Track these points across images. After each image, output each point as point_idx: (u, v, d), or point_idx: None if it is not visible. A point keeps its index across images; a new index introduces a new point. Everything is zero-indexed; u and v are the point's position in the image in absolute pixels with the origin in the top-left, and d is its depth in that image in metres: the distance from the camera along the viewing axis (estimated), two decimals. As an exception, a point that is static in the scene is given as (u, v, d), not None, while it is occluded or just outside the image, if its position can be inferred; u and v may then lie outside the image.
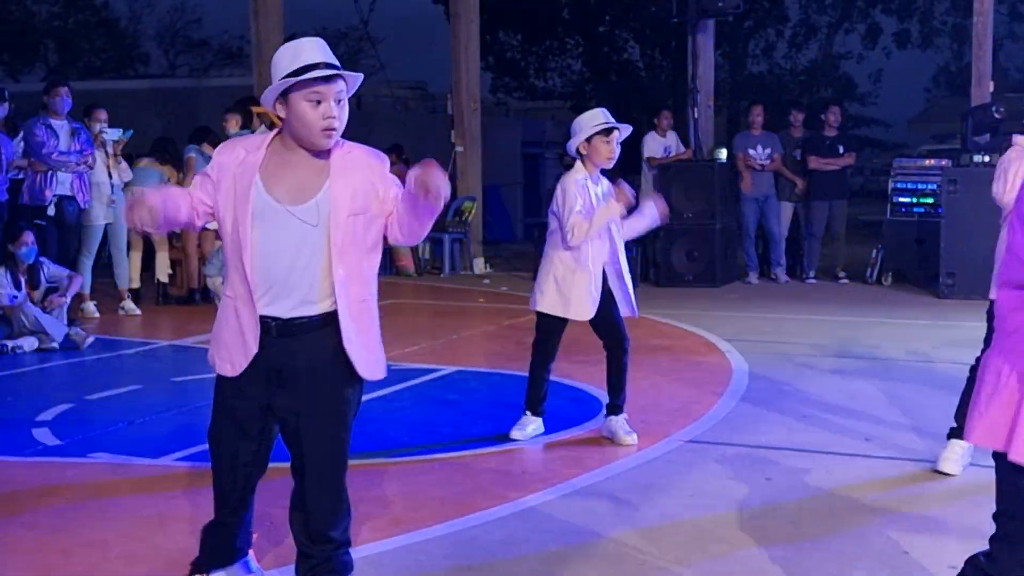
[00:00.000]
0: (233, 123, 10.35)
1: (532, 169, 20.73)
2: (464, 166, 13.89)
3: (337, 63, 3.10)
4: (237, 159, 3.16)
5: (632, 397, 6.06)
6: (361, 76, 3.17)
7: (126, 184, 9.97)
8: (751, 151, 11.83)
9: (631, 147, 11.86)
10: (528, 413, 5.51)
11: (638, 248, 12.33)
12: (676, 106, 18.91)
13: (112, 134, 9.78)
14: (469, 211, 13.58)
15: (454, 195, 13.86)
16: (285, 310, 3.10)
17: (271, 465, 3.35)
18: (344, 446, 3.18)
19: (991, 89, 12.28)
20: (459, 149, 13.83)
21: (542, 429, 5.54)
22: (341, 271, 3.07)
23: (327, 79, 3.05)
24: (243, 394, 3.19)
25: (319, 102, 3.05)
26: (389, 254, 13.38)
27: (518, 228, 19.65)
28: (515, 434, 5.46)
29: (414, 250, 13.40)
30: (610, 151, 5.23)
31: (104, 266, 10.65)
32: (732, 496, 4.57)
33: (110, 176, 9.74)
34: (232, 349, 3.18)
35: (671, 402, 6.28)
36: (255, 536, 3.57)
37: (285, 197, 3.08)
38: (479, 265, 13.67)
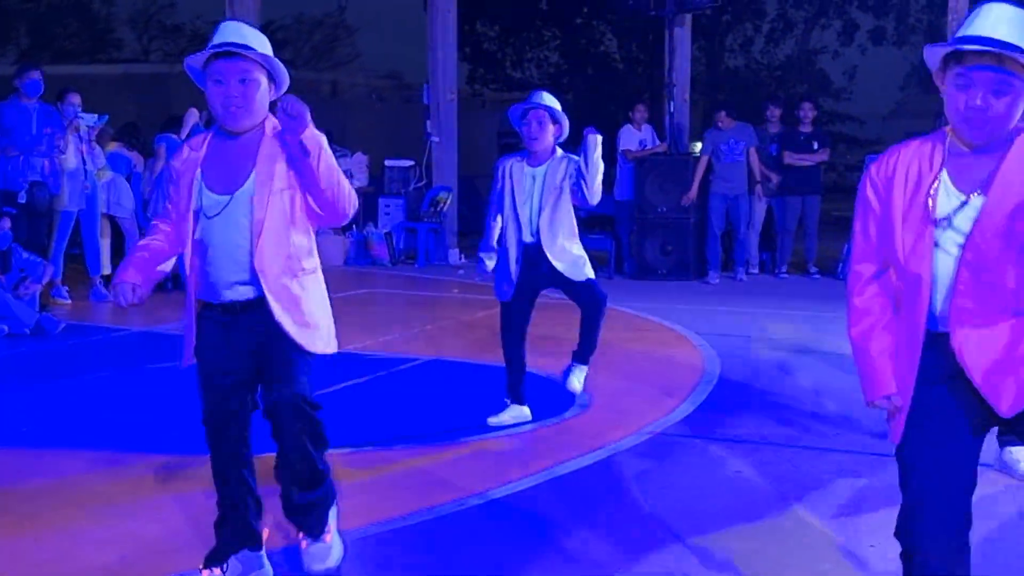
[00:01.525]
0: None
1: (505, 156, 20.69)
2: (440, 157, 13.88)
3: (250, 45, 3.16)
4: (184, 159, 3.33)
5: (604, 390, 6.11)
6: (268, 56, 3.20)
7: (99, 169, 9.91)
8: (723, 146, 11.83)
9: (607, 140, 11.92)
10: (509, 400, 5.56)
11: (614, 242, 12.37)
12: (653, 99, 18.95)
13: (87, 119, 9.71)
14: (444, 202, 13.58)
15: (429, 185, 13.87)
16: (225, 295, 3.26)
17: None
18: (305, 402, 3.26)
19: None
20: (435, 140, 13.82)
21: (525, 415, 5.57)
22: (265, 251, 3.19)
23: (227, 57, 3.13)
24: (216, 373, 3.34)
25: (219, 81, 3.15)
26: (364, 243, 13.37)
27: (493, 219, 19.60)
28: (491, 420, 5.49)
29: (389, 240, 13.39)
30: (528, 132, 5.36)
31: (73, 254, 10.59)
32: (702, 489, 4.60)
33: (84, 162, 9.67)
34: (188, 336, 3.38)
35: (642, 395, 6.31)
36: (266, 534, 3.59)
37: (219, 186, 3.22)
38: (454, 256, 13.67)
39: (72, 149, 9.54)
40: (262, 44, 3.22)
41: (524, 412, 5.58)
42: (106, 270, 10.24)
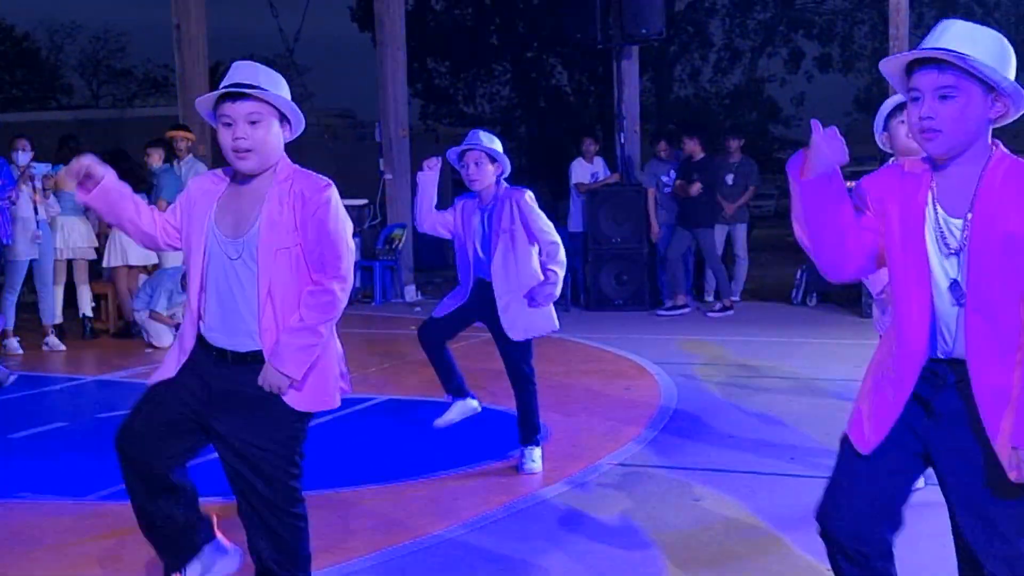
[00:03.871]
0: (156, 158, 10.22)
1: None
2: (393, 194, 13.89)
3: (262, 85, 3.06)
4: (203, 188, 3.20)
5: (562, 421, 6.12)
6: (279, 96, 3.10)
7: (53, 219, 9.84)
8: (664, 177, 11.95)
9: (560, 173, 12.00)
10: (450, 396, 5.49)
11: (569, 274, 12.39)
12: (605, 131, 19.11)
13: (40, 169, 9.61)
14: (399, 239, 13.58)
15: (384, 223, 13.86)
16: (232, 342, 3.13)
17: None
18: (286, 477, 3.18)
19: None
20: (388, 177, 13.84)
21: (473, 407, 5.48)
22: (269, 305, 3.07)
23: (233, 98, 3.03)
24: (178, 394, 3.19)
25: (229, 124, 3.06)
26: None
27: (450, 254, 19.61)
28: (437, 422, 5.46)
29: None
30: (466, 173, 5.33)
31: (26, 303, 10.46)
32: (661, 519, 4.62)
33: (36, 211, 9.57)
34: (169, 355, 3.25)
35: (600, 426, 6.33)
36: (215, 518, 3.48)
37: (228, 229, 3.11)
38: (411, 292, 13.66)
39: (25, 198, 9.45)
40: (275, 84, 3.10)
41: (471, 404, 5.48)
42: (57, 319, 10.11)
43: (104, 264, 10.58)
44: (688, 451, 5.72)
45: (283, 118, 3.14)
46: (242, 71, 3.10)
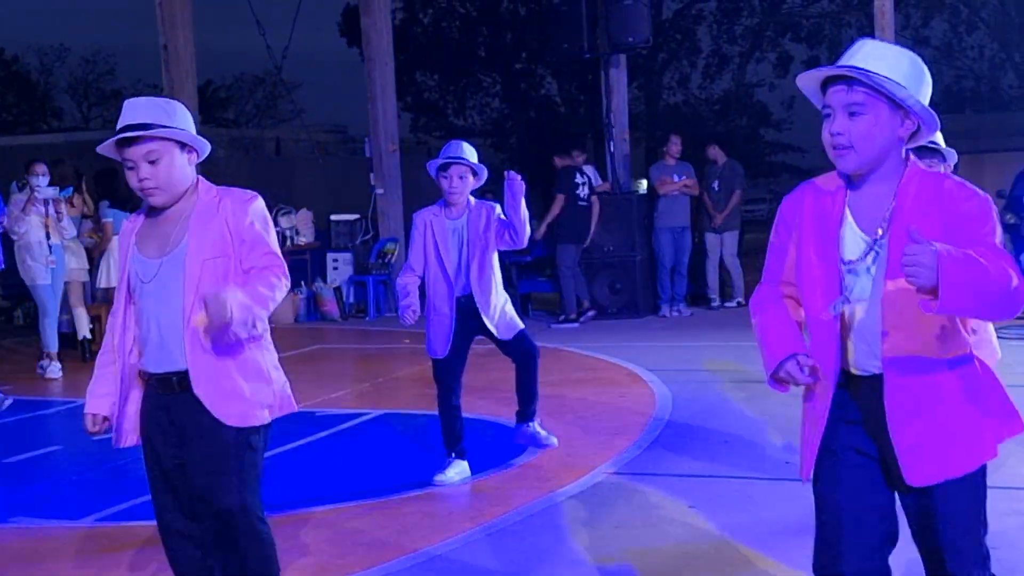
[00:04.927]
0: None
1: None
2: (385, 208, 13.90)
3: (152, 122, 3.07)
4: (123, 231, 3.28)
5: (556, 430, 6.11)
6: (173, 130, 3.10)
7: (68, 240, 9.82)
8: (667, 178, 12.00)
9: (552, 183, 12.03)
10: (452, 455, 5.50)
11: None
12: (596, 139, 19.15)
13: (45, 192, 9.53)
14: (392, 252, 13.59)
15: (376, 237, 13.87)
16: (161, 364, 3.15)
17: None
18: (240, 499, 3.14)
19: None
20: (379, 191, 13.85)
21: (467, 472, 5.49)
22: (195, 319, 3.10)
23: (129, 142, 3.07)
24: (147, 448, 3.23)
25: (131, 167, 3.10)
26: (313, 299, 13.33)
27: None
28: (437, 478, 5.41)
29: (338, 295, 13.36)
30: (448, 185, 5.36)
31: (20, 327, 10.46)
32: (657, 526, 4.62)
33: (48, 236, 9.53)
34: (119, 412, 3.24)
35: (596, 435, 6.33)
36: None
37: (153, 251, 3.16)
38: (404, 306, 13.64)
39: (37, 223, 9.42)
40: (169, 116, 3.11)
41: (465, 468, 5.49)
42: (84, 333, 10.19)
43: (96, 285, 10.58)
44: (683, 459, 5.72)
45: (186, 144, 3.16)
46: (133, 111, 3.11)
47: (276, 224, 13.96)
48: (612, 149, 12.89)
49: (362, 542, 4.58)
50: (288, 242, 13.98)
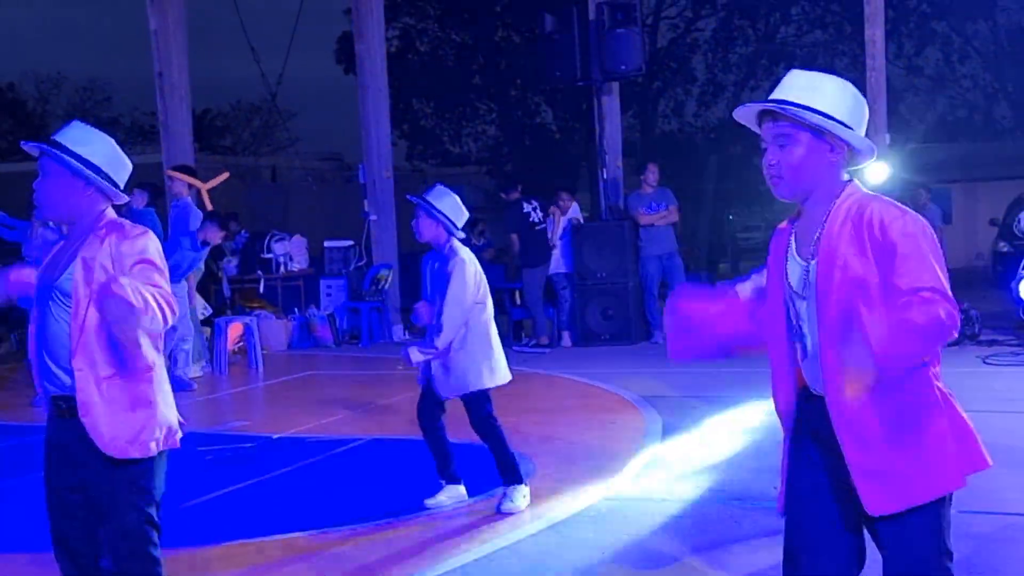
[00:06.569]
0: (139, 200, 10.17)
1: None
2: (379, 235, 13.93)
3: (62, 143, 3.21)
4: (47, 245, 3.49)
5: (549, 456, 6.12)
6: (57, 152, 3.20)
7: None
8: (643, 208, 12.04)
9: (541, 209, 12.09)
10: (442, 481, 5.50)
11: (554, 311, 12.42)
12: (589, 166, 19.22)
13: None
14: (385, 279, 13.60)
15: (370, 264, 13.89)
16: (57, 386, 3.19)
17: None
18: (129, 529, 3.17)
19: (887, 142, 12.69)
20: (373, 218, 13.88)
21: (462, 494, 5.49)
22: (80, 346, 3.12)
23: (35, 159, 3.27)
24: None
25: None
26: (307, 326, 13.32)
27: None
28: (428, 502, 5.41)
29: (331, 321, 13.36)
30: (414, 224, 5.42)
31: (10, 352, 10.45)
32: (647, 551, 4.62)
33: None
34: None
35: (587, 461, 6.32)
36: None
37: (55, 272, 3.22)
38: (398, 332, 13.65)
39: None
40: (74, 141, 3.21)
41: (460, 491, 5.50)
42: None
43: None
44: (673, 483, 5.72)
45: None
46: (62, 137, 3.27)
47: (270, 251, 14.01)
48: (605, 176, 12.94)
49: (352, 569, 4.57)
50: (282, 268, 14.00)
